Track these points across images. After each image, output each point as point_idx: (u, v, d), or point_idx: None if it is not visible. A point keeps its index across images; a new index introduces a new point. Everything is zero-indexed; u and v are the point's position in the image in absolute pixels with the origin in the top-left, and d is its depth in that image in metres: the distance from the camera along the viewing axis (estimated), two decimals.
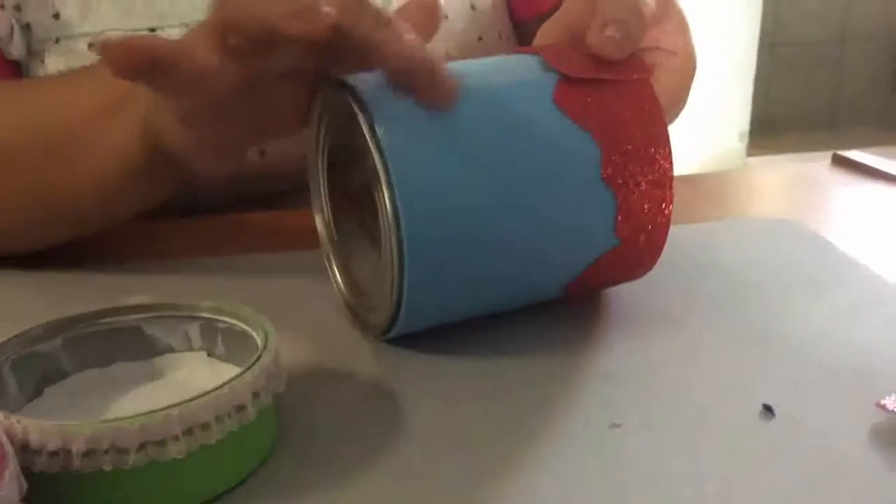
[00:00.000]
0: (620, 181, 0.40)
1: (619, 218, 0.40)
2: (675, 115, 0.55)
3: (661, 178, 0.41)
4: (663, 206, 0.41)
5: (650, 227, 0.41)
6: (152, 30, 0.61)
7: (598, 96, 0.40)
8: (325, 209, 0.47)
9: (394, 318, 0.40)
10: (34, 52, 0.61)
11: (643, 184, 0.40)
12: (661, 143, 0.41)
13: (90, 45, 0.60)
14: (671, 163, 0.41)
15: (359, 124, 0.37)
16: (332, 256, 0.46)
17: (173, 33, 0.60)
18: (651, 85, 0.41)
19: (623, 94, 0.41)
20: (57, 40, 0.60)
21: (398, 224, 0.36)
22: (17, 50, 0.60)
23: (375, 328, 0.42)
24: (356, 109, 0.38)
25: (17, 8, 0.60)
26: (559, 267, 0.41)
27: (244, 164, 0.46)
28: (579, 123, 0.39)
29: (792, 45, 3.09)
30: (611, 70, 0.41)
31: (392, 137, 0.37)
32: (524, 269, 0.41)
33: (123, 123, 0.45)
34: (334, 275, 0.46)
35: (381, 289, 0.40)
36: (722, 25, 2.45)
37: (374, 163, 0.37)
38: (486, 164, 0.38)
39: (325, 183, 0.46)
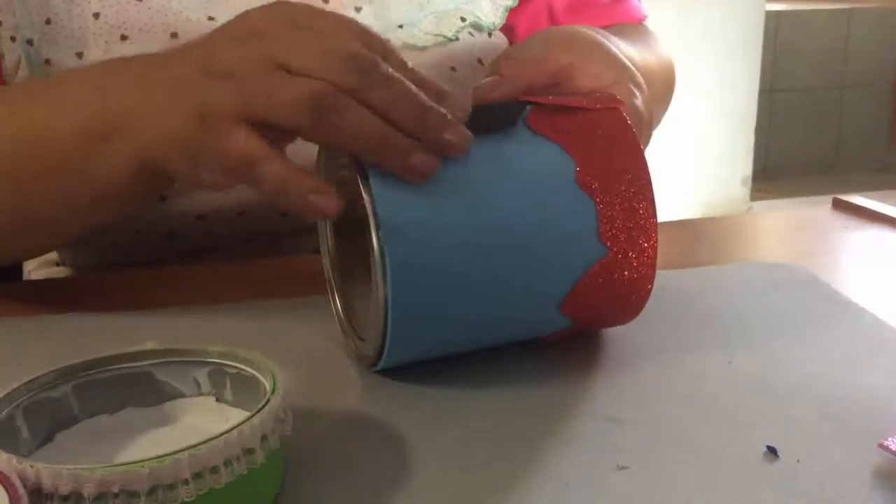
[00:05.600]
0: (597, 186, 0.41)
1: (602, 224, 0.41)
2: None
3: (641, 188, 0.42)
4: (647, 214, 0.42)
5: (636, 237, 0.42)
6: None
7: (569, 119, 0.43)
8: (329, 247, 0.48)
9: (381, 348, 0.41)
10: None
11: (621, 191, 0.42)
12: (636, 156, 0.43)
13: None
14: (648, 174, 0.42)
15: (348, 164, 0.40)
16: (335, 292, 0.48)
17: None
18: (622, 114, 0.44)
19: (594, 119, 0.43)
20: None
21: (383, 255, 0.39)
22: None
23: (367, 359, 0.43)
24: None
25: (30, 42, 0.60)
26: (549, 278, 0.42)
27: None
28: (551, 138, 0.42)
29: (791, 91, 3.12)
30: (578, 101, 0.44)
31: (378, 175, 0.39)
32: (513, 280, 0.41)
33: (118, 150, 0.47)
34: (336, 308, 0.48)
35: (372, 319, 0.41)
36: (723, 74, 2.49)
37: (361, 195, 0.39)
38: (465, 185, 0.40)
39: (330, 222, 0.48)
